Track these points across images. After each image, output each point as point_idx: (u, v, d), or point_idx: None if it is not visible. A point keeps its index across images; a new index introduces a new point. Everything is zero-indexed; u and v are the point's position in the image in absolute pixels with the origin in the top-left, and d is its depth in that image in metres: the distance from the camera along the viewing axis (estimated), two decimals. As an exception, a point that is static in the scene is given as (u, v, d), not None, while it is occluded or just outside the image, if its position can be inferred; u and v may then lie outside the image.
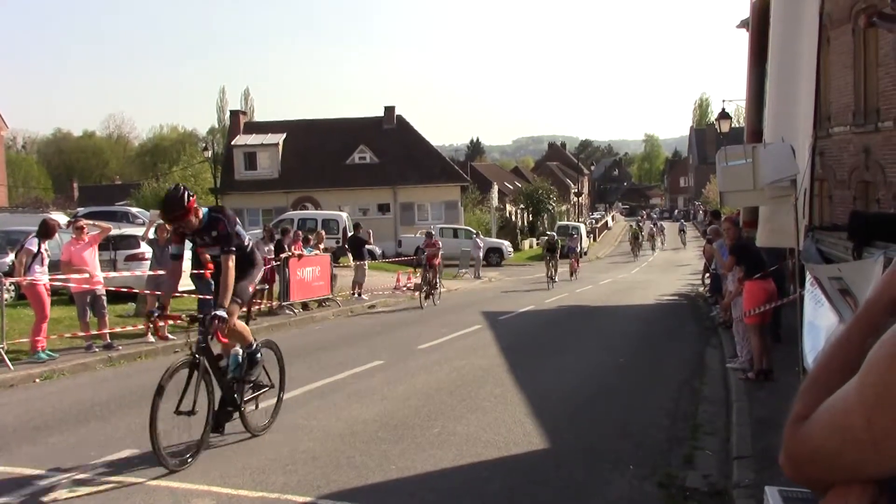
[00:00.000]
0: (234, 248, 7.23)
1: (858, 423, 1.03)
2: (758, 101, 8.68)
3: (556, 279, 30.50)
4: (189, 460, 6.72)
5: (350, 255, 24.40)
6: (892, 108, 14.21)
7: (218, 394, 7.21)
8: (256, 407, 7.94)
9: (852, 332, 1.20)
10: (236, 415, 7.50)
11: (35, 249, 12.07)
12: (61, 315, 14.50)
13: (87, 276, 12.74)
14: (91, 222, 14.04)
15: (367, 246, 24.10)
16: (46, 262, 12.30)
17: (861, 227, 4.26)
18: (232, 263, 7.14)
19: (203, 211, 7.22)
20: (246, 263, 7.54)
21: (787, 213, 6.77)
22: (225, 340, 7.20)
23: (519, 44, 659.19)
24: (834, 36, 15.95)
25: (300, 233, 21.54)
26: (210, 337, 6.96)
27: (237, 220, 7.62)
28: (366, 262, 23.41)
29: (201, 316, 7.09)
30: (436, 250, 22.41)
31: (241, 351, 7.60)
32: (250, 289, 7.72)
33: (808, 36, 7.01)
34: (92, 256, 13.02)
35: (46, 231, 12.39)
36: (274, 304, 18.38)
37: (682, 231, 62.75)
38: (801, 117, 7.05)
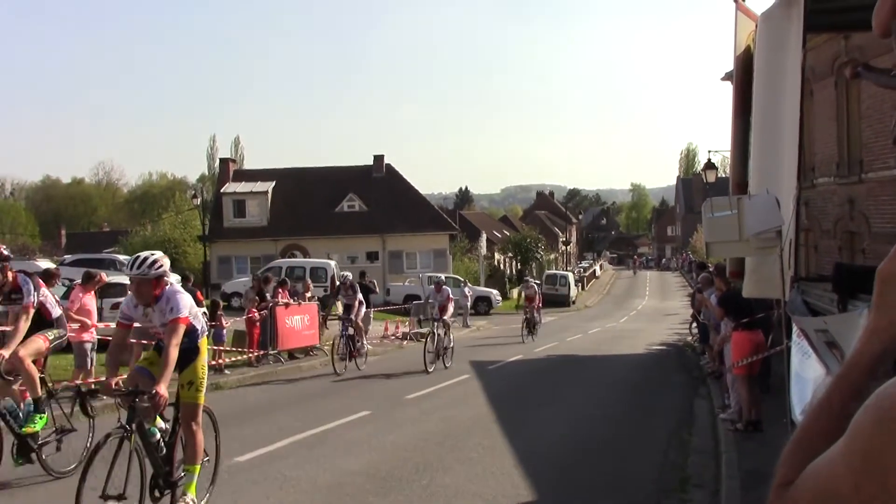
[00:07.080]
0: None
1: (846, 489, 1.03)
2: (742, 153, 8.78)
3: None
4: None
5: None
6: (874, 160, 14.39)
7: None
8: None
9: (834, 395, 1.21)
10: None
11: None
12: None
13: (88, 324, 12.73)
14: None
15: (371, 294, 23.75)
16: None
17: (845, 279, 4.28)
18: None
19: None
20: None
21: (773, 263, 6.82)
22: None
23: (508, 94, 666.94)
24: (817, 89, 16.22)
25: (288, 280, 21.44)
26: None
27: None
28: (371, 310, 23.07)
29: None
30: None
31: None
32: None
33: (791, 89, 7.12)
34: (93, 304, 13.07)
35: (48, 278, 12.42)
36: (258, 352, 18.24)
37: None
38: (786, 169, 7.13)
